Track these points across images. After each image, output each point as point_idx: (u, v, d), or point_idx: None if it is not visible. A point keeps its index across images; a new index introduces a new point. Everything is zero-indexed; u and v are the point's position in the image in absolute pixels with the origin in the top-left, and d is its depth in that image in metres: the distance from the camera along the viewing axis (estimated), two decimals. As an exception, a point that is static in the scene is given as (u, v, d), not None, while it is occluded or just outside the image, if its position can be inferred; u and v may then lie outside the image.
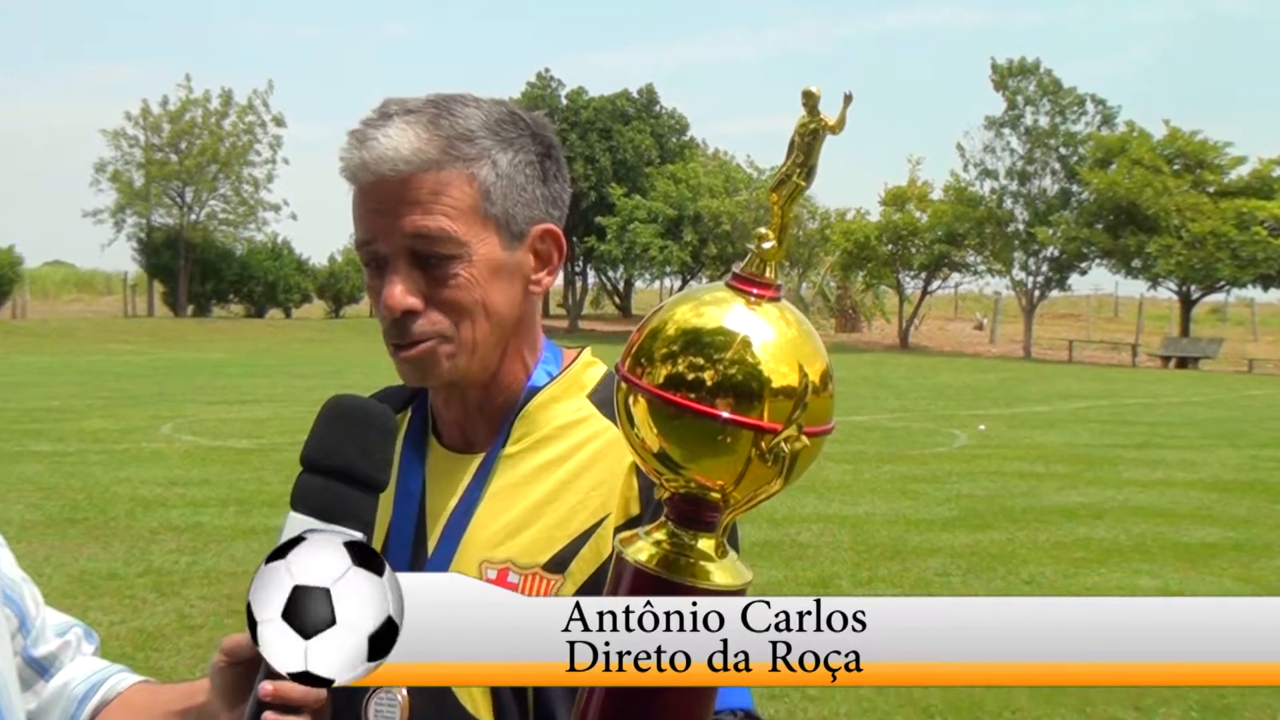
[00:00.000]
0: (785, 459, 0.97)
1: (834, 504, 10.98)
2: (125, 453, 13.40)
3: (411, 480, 1.50)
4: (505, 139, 1.42)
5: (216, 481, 11.57)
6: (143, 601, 7.37)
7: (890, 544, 9.38)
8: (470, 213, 1.39)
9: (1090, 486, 12.46)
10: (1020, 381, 29.73)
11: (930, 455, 14.79)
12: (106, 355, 32.44)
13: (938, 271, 48.78)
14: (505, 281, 1.43)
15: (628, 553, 1.05)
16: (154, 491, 10.97)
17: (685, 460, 1.01)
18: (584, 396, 1.52)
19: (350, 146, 1.39)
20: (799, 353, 1.00)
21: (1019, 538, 9.72)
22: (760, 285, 1.02)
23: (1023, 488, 12.25)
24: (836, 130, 1.02)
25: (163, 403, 19.41)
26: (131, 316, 49.29)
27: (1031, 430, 17.92)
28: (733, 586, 1.04)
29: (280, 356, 33.74)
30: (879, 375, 29.69)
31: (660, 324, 1.03)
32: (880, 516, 10.51)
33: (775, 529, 9.57)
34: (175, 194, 51.24)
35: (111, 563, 8.29)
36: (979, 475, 13.01)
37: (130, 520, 9.70)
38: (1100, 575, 8.53)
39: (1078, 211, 45.33)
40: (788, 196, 1.04)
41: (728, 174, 51.01)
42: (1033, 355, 43.47)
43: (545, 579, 1.41)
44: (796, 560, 8.69)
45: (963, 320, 57.87)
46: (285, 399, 20.49)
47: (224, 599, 7.39)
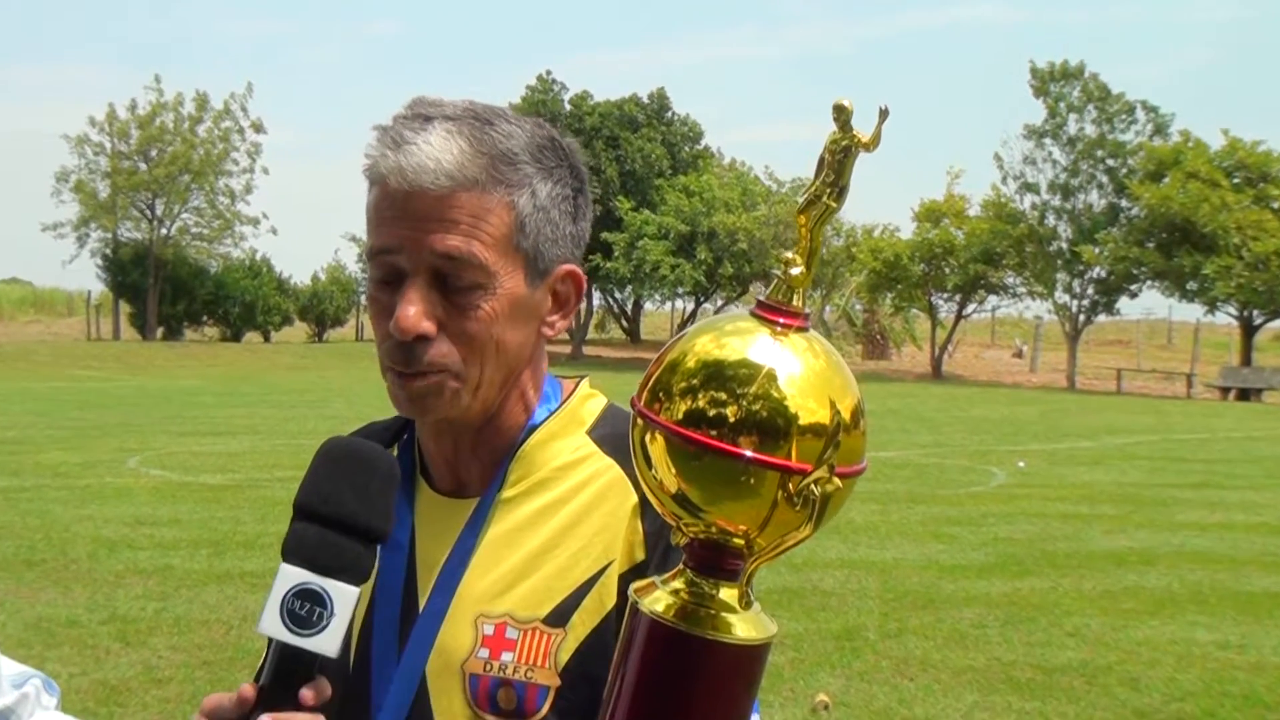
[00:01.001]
0: (815, 502, 0.97)
1: (860, 548, 10.94)
2: (88, 489, 13.40)
3: (399, 527, 1.49)
4: (546, 168, 1.43)
5: (187, 521, 11.57)
6: (106, 652, 7.35)
7: (921, 592, 9.34)
8: (504, 242, 1.39)
9: (1141, 530, 12.41)
10: (1064, 414, 29.68)
11: (965, 495, 14.75)
12: (68, 382, 32.51)
13: (974, 294, 48.78)
14: (522, 320, 1.44)
15: (643, 604, 1.05)
16: (119, 531, 10.96)
17: (706, 503, 1.01)
18: (583, 433, 1.53)
19: (383, 146, 1.39)
20: (829, 387, 1.01)
21: (1062, 586, 9.68)
22: (787, 314, 1.03)
23: (1066, 531, 12.20)
24: (871, 147, 1.03)
25: (129, 434, 19.43)
26: (95, 340, 49.41)
27: (1076, 468, 17.87)
28: (756, 640, 1.04)
29: (258, 384, 33.78)
30: (909, 407, 29.66)
31: (679, 356, 1.03)
32: (910, 562, 10.47)
33: (796, 575, 9.54)
34: (144, 206, 51.43)
35: (72, 609, 8.28)
36: (1018, 517, 12.97)
37: (93, 563, 9.69)
38: (1152, 628, 8.48)
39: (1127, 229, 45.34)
40: (817, 219, 1.05)
41: (745, 186, 51.15)
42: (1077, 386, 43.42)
43: (545, 633, 1.41)
44: (819, 610, 8.66)
45: (1001, 347, 57.82)
46: (264, 431, 20.50)
47: (195, 649, 7.38)
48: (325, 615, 1.19)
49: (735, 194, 49.84)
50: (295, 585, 1.19)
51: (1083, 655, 7.77)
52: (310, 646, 1.19)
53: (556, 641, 1.40)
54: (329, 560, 1.20)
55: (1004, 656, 7.66)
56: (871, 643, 7.91)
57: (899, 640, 7.98)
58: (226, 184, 52.65)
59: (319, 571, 1.19)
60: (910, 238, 48.80)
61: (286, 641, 1.19)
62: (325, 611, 1.19)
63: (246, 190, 53.13)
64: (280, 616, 1.19)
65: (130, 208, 51.42)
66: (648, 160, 51.86)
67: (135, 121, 51.09)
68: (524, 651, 1.40)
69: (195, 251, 52.68)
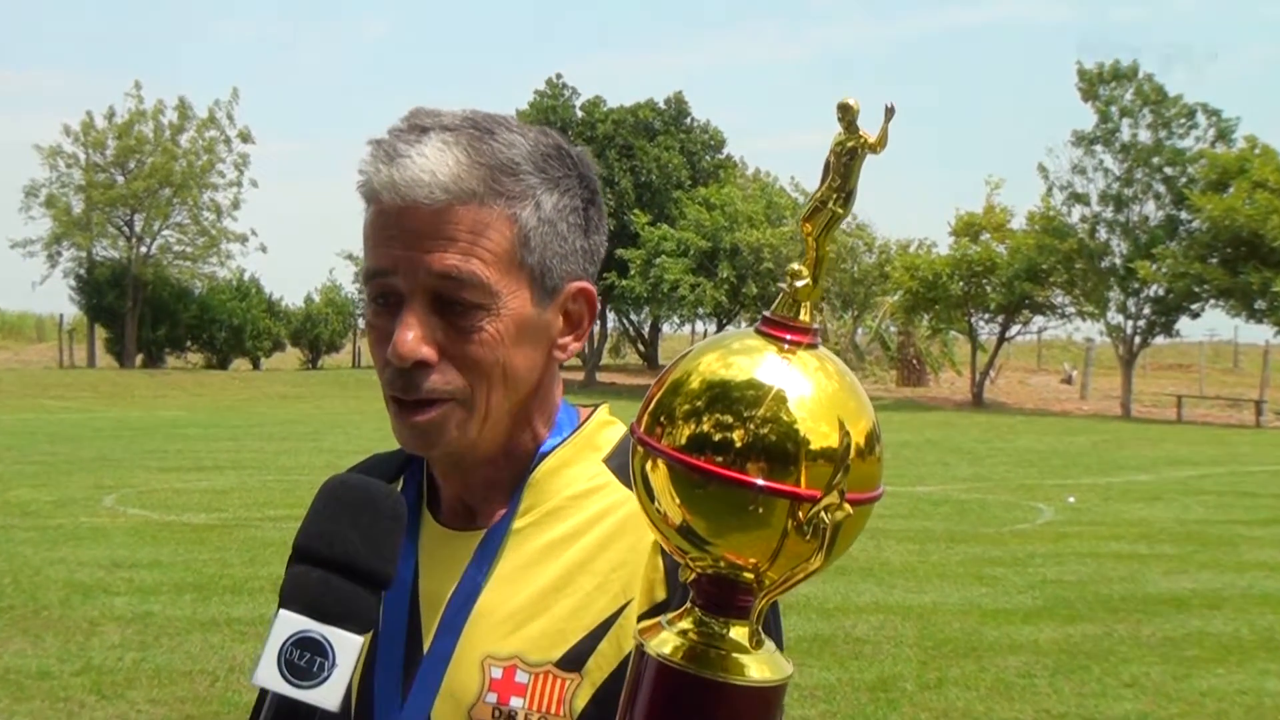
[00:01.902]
0: (826, 531, 0.98)
1: (896, 591, 10.92)
2: (60, 529, 13.45)
3: (402, 563, 1.48)
4: (552, 178, 1.44)
5: (169, 563, 11.60)
6: (80, 705, 7.37)
7: (963, 639, 9.31)
8: (506, 259, 1.40)
9: (1205, 570, 12.37)
10: (1118, 445, 29.57)
11: (1010, 533, 14.71)
12: (38, 413, 32.63)
13: (1018, 314, 48.65)
14: (529, 343, 1.45)
15: (649, 645, 1.06)
16: (94, 575, 11.00)
17: (712, 535, 1.02)
18: (599, 460, 1.53)
19: (376, 160, 1.40)
20: (841, 409, 1.02)
21: (1118, 632, 9.64)
22: (795, 330, 1.04)
23: (1122, 572, 12.16)
24: (878, 149, 1.04)
25: (105, 469, 19.49)
26: (69, 368, 49.63)
27: (1132, 503, 17.81)
28: (771, 682, 1.05)
29: (247, 415, 33.87)
30: (948, 438, 29.57)
31: (682, 376, 1.04)
32: (951, 606, 10.45)
33: (827, 621, 9.53)
34: (122, 222, 51.69)
35: (43, 659, 8.31)
36: (1068, 557, 12.93)
37: (65, 609, 9.72)
38: (1218, 677, 8.45)
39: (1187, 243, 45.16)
40: (823, 226, 1.06)
41: (770, 199, 51.20)
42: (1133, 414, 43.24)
43: (559, 678, 1.41)
44: (852, 659, 8.64)
45: (1048, 372, 57.68)
46: (252, 465, 20.55)
47: (177, 703, 7.40)
48: (326, 666, 1.19)
49: (759, 207, 49.88)
50: (295, 633, 1.19)
51: (1141, 707, 7.74)
52: (309, 699, 1.19)
53: (571, 687, 1.40)
54: (332, 606, 1.20)
55: (1054, 709, 7.63)
56: (909, 694, 7.89)
57: (939, 692, 7.96)
58: (211, 198, 53.01)
59: (321, 618, 1.20)
60: (947, 254, 48.70)
61: (284, 694, 1.19)
62: (326, 662, 1.19)
63: (233, 205, 53.46)
64: (278, 667, 1.19)
65: (107, 224, 51.64)
66: (665, 171, 51.96)
67: (113, 131, 51.35)
68: (535, 697, 1.41)
69: (178, 271, 52.87)
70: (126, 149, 51.14)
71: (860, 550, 11.77)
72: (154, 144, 51.44)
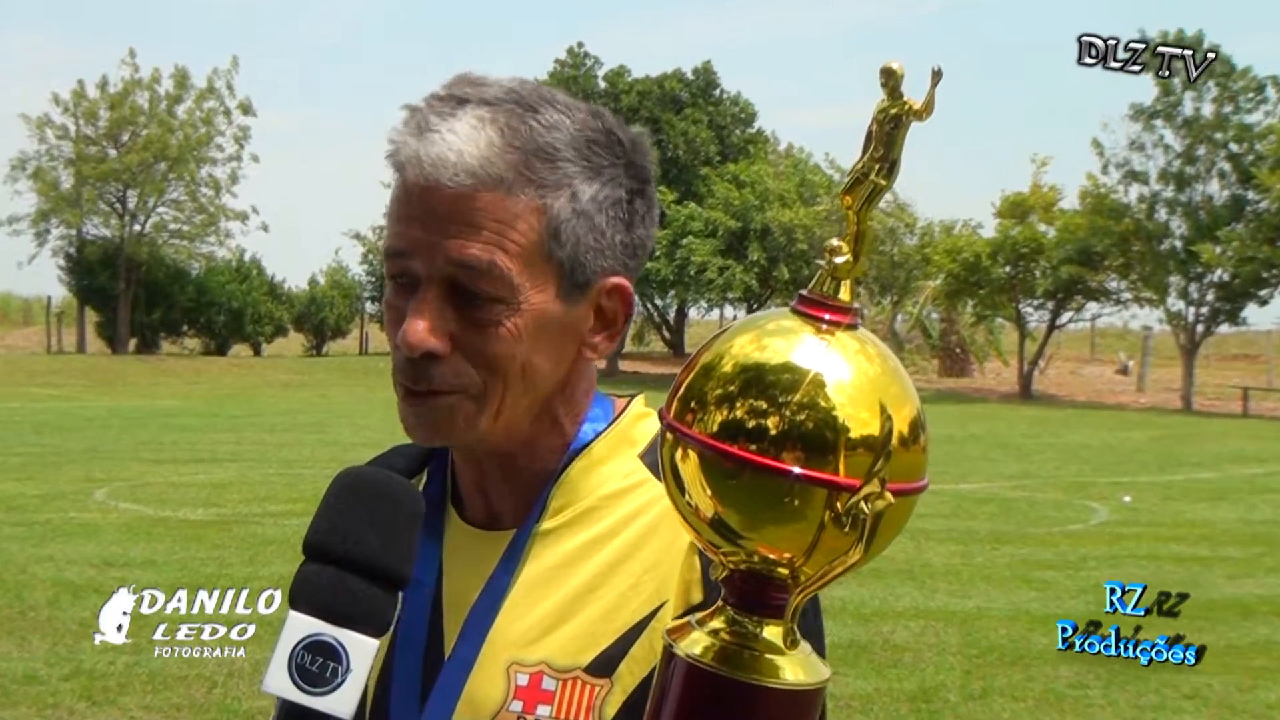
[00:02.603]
0: (865, 522, 0.98)
1: (938, 595, 10.90)
2: (48, 525, 13.51)
3: (424, 562, 1.49)
4: (594, 166, 1.43)
5: (164, 562, 11.66)
6: (69, 712, 7.42)
7: (1010, 647, 9.29)
8: (531, 251, 1.39)
9: (1272, 575, 12.33)
10: (1178, 440, 29.43)
11: (1060, 534, 14.67)
12: (24, 402, 32.76)
13: (1069, 300, 48.45)
14: (553, 341, 1.44)
15: (679, 646, 1.06)
16: (84, 574, 11.06)
17: (746, 528, 1.03)
18: (635, 456, 1.53)
19: (406, 131, 1.40)
20: (883, 394, 1.02)
21: (1177, 640, 9.59)
22: (833, 309, 1.04)
23: (1182, 576, 12.11)
24: (923, 115, 1.04)
25: (96, 462, 19.58)
26: (57, 353, 49.78)
27: (1194, 503, 17.74)
28: (807, 685, 1.05)
29: (247, 404, 33.97)
30: (994, 432, 29.48)
31: (714, 359, 1.05)
32: (997, 612, 10.43)
33: (865, 627, 9.51)
34: (114, 198, 51.68)
35: (29, 663, 8.35)
36: (1124, 560, 12.89)
37: (53, 610, 9.77)
38: (1285, 688, 8.43)
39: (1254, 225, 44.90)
40: (865, 199, 1.06)
41: (803, 177, 51.06)
42: (1195, 407, 43.03)
43: (588, 684, 1.41)
44: (891, 668, 8.63)
45: (1101, 362, 57.42)
46: (252, 458, 20.62)
47: (172, 709, 7.43)
48: (340, 671, 1.19)
49: (792, 185, 49.75)
50: (306, 637, 1.19)
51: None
52: (321, 707, 1.19)
53: (601, 694, 1.41)
54: (346, 608, 1.20)
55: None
56: (952, 705, 7.88)
57: (984, 703, 7.95)
58: (210, 173, 52.89)
59: (334, 621, 1.19)
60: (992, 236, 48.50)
61: (294, 701, 1.19)
62: (340, 667, 1.19)
63: (233, 180, 53.30)
64: (288, 672, 1.19)
65: (98, 200, 51.57)
66: (692, 146, 51.89)
67: (105, 101, 51.18)
68: (563, 704, 1.41)
69: (174, 251, 52.87)
70: (120, 120, 50.96)
71: (900, 551, 11.75)
72: (149, 115, 51.30)
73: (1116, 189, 46.92)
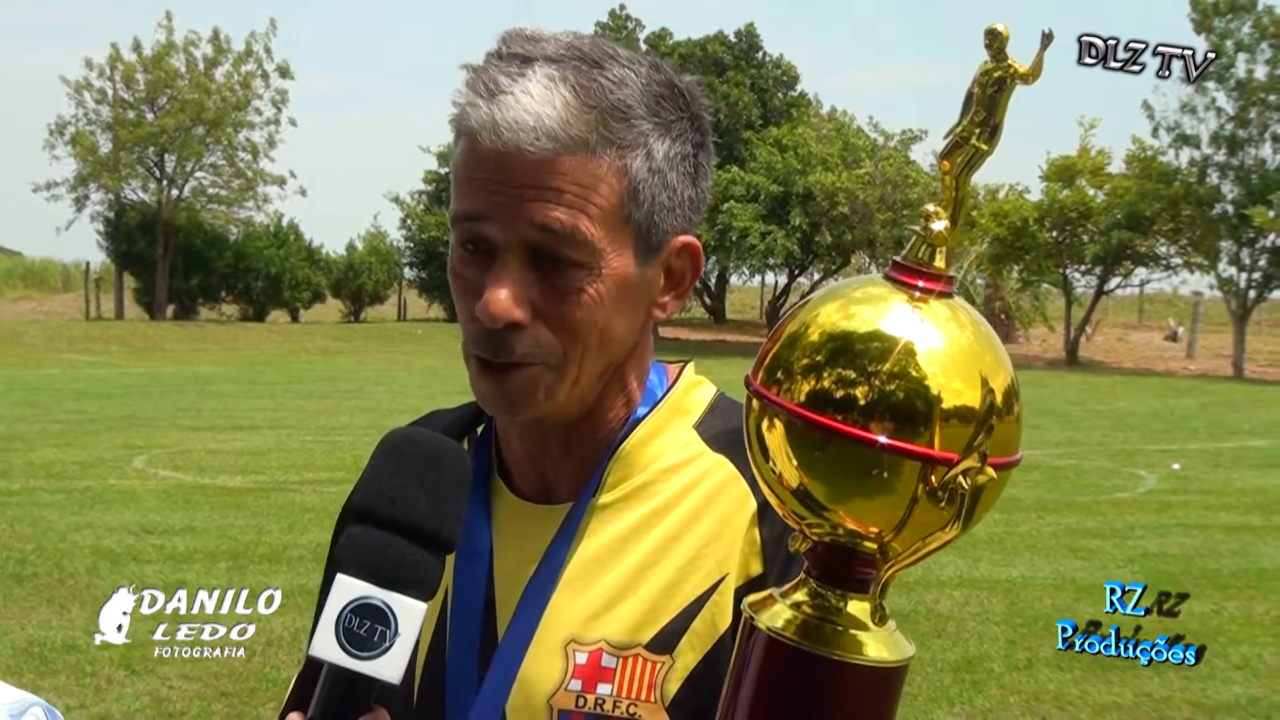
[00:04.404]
0: (964, 497, 0.97)
1: (982, 564, 10.88)
2: (87, 492, 13.62)
3: (478, 536, 1.49)
4: (665, 122, 1.40)
5: (202, 529, 11.74)
6: (108, 681, 7.46)
7: (1055, 616, 9.24)
8: (612, 214, 1.37)
9: (1324, 545, 12.24)
10: (1229, 408, 29.26)
11: (1107, 502, 14.62)
12: (63, 368, 33.03)
13: (1117, 266, 48.16)
14: (629, 304, 1.42)
15: (760, 619, 1.05)
16: (123, 541, 11.14)
17: (832, 500, 1.01)
18: (690, 426, 1.52)
19: (474, 94, 1.36)
20: (978, 363, 1.00)
21: (1228, 609, 9.56)
22: (928, 277, 1.03)
23: (1232, 545, 12.06)
24: (1030, 79, 1.03)
25: (135, 429, 19.73)
26: (95, 319, 50.07)
27: (1245, 471, 17.63)
28: (890, 662, 1.05)
29: (285, 371, 34.15)
30: (1040, 399, 29.36)
31: (800, 328, 1.03)
32: (1042, 581, 10.41)
33: (906, 596, 9.50)
34: (152, 163, 51.80)
35: (69, 631, 8.40)
36: (1173, 528, 12.84)
37: (92, 578, 9.83)
38: (1337, 660, 8.38)
39: (1308, 189, 44.51)
40: (965, 164, 1.05)
41: (846, 140, 50.84)
42: (1246, 374, 42.75)
43: (649, 661, 1.40)
44: (935, 637, 8.62)
45: (1150, 328, 57.10)
46: (291, 425, 20.75)
47: (211, 679, 7.47)
48: (389, 635, 1.18)
49: (835, 149, 49.55)
50: (354, 600, 1.18)
51: (1253, 691, 7.69)
52: (370, 671, 1.18)
53: (662, 671, 1.40)
54: (395, 571, 1.19)
55: (1156, 693, 7.59)
56: (996, 675, 7.87)
57: (1029, 673, 7.93)
58: (247, 137, 52.82)
59: (383, 584, 1.18)
60: (1039, 200, 48.23)
61: (342, 665, 1.18)
62: (389, 631, 1.18)
63: (270, 144, 53.18)
64: (336, 636, 1.18)
65: (136, 165, 51.63)
66: (734, 109, 51.70)
67: (142, 64, 51.18)
68: (624, 683, 1.40)
69: (211, 216, 52.96)
70: (157, 84, 50.91)
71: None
72: (186, 78, 51.40)
73: (1166, 152, 46.55)
